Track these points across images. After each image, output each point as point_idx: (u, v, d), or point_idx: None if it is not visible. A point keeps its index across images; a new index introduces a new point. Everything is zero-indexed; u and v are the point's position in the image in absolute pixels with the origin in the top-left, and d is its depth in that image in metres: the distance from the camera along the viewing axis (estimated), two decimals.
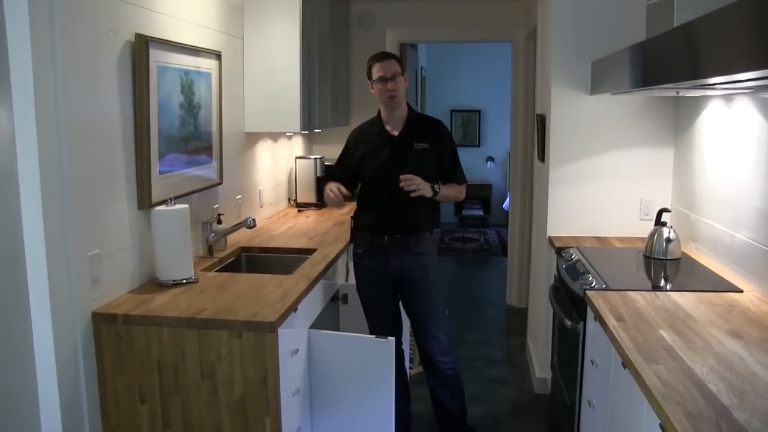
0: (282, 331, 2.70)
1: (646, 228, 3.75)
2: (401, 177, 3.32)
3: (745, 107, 3.03)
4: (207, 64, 3.63)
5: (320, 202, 5.40)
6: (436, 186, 3.40)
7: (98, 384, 2.71)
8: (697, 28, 2.12)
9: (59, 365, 2.47)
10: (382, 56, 3.51)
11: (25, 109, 2.30)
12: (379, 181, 3.46)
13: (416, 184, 3.32)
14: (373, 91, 3.50)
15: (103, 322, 2.68)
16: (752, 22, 1.73)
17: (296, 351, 2.98)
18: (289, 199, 5.55)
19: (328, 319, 3.74)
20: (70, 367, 2.55)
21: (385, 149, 3.50)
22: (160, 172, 3.13)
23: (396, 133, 3.51)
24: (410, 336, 4.01)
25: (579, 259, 3.52)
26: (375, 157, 3.51)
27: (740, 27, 1.81)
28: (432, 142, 3.49)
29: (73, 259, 2.54)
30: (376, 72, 3.44)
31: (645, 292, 2.94)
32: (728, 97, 3.21)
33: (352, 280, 3.76)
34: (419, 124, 3.56)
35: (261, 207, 4.80)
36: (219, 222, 3.77)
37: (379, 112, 3.58)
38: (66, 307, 2.52)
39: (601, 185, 4.12)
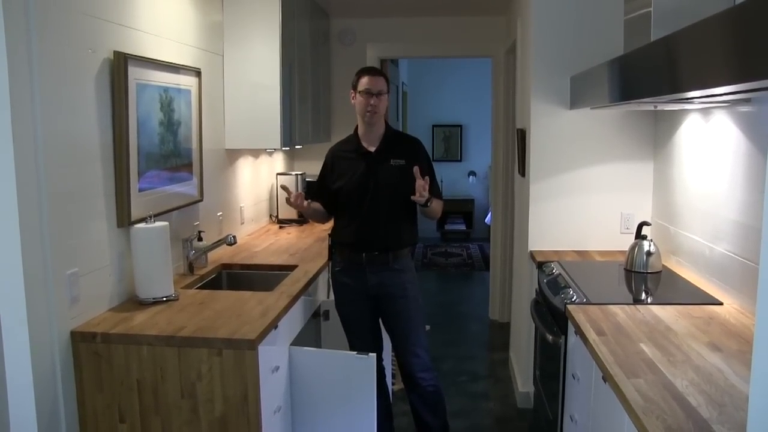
0: (262, 349, 2.69)
1: (626, 241, 3.76)
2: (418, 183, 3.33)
3: (723, 121, 3.06)
4: (187, 81, 3.62)
5: (302, 219, 5.39)
6: (428, 201, 3.40)
7: (77, 404, 2.68)
8: (674, 43, 2.14)
9: (37, 385, 2.44)
10: (372, 71, 3.54)
11: (2, 127, 2.29)
12: (355, 198, 3.46)
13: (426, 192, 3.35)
14: (354, 101, 3.50)
15: (82, 341, 2.65)
16: (727, 36, 1.75)
17: (277, 368, 2.96)
18: (270, 216, 5.53)
19: (310, 335, 3.73)
20: (48, 387, 2.53)
21: (361, 165, 3.50)
22: (140, 190, 3.11)
23: (373, 149, 3.52)
24: (392, 352, 3.99)
25: (560, 273, 3.53)
26: (352, 174, 3.50)
27: (716, 42, 1.82)
28: (408, 159, 3.49)
29: (52, 278, 2.51)
30: (363, 84, 3.44)
31: (625, 306, 2.95)
32: (706, 111, 3.24)
33: (333, 296, 3.75)
34: (396, 141, 3.57)
35: (242, 224, 4.78)
36: (199, 239, 3.76)
37: (356, 129, 3.58)
38: (44, 326, 2.49)
39: (582, 199, 4.13)
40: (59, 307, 2.56)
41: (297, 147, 5.19)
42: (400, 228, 3.50)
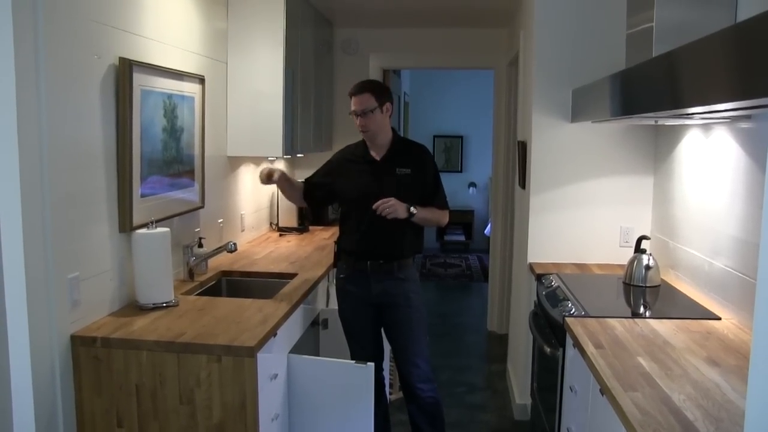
0: (261, 356, 2.70)
1: (625, 255, 3.77)
2: (375, 204, 3.31)
3: (723, 136, 3.07)
4: (190, 88, 3.64)
5: (302, 227, 5.40)
6: (411, 208, 3.37)
7: (75, 408, 2.69)
8: (675, 59, 2.15)
9: (36, 388, 2.45)
10: (357, 90, 3.45)
11: (7, 131, 2.30)
12: (360, 206, 3.44)
13: (390, 205, 3.30)
14: None
15: (81, 345, 2.66)
16: (729, 54, 1.76)
17: (275, 376, 2.97)
18: (270, 224, 5.54)
19: (308, 344, 3.73)
20: (47, 390, 2.53)
21: (367, 173, 3.50)
22: (142, 195, 3.12)
23: (379, 157, 3.52)
24: (390, 361, 3.99)
25: (559, 286, 3.53)
26: (357, 181, 3.50)
27: (717, 59, 1.84)
28: (414, 168, 3.49)
29: (53, 282, 2.52)
30: (352, 105, 3.44)
31: (624, 319, 2.96)
32: (706, 127, 3.25)
33: (333, 304, 3.75)
34: (403, 149, 3.56)
35: (242, 231, 4.79)
36: (200, 245, 3.77)
37: None
38: (44, 330, 2.50)
39: (582, 212, 4.14)
40: (60, 310, 2.57)
41: (298, 155, 5.21)
42: (406, 237, 3.49)
